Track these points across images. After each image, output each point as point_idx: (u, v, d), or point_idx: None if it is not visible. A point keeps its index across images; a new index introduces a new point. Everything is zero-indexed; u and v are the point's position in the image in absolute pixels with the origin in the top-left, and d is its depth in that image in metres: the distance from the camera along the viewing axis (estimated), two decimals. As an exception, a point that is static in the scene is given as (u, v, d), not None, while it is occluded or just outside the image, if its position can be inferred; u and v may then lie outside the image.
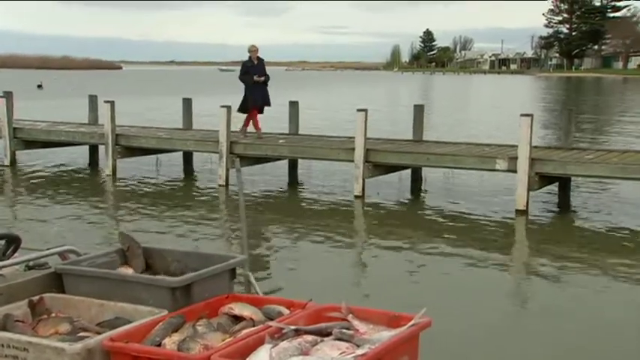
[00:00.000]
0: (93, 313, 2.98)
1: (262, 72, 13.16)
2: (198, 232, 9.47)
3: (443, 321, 3.62)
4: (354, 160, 11.71)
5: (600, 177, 11.03)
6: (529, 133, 10.46)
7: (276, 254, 8.45)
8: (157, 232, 9.36)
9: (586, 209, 11.19)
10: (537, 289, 7.40)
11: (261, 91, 13.10)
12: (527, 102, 41.70)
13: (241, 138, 13.09)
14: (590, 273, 7.83)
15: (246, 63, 13.24)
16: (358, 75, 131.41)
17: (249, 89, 13.09)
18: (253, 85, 12.97)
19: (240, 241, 4.38)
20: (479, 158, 11.10)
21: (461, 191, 12.48)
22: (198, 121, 16.48)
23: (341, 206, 11.31)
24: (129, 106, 32.38)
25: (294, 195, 12.51)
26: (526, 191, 10.54)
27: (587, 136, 22.11)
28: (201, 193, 12.53)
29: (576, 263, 8.16)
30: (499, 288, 7.35)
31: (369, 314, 2.87)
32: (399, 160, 11.74)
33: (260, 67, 13.16)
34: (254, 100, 13.04)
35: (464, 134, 21.46)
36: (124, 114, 16.59)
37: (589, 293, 7.18)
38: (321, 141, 13.17)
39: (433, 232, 9.63)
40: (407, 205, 11.62)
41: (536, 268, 8.02)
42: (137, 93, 50.25)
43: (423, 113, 13.43)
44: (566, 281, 7.58)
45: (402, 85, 74.47)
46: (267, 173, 13.94)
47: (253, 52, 13.14)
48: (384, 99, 45.81)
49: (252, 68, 13.04)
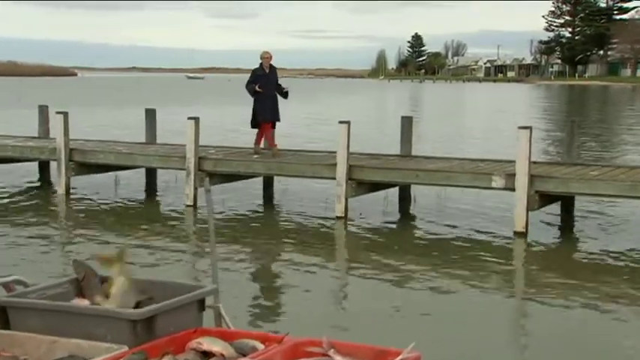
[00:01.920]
0: (42, 352, 2.96)
1: (274, 81, 13.06)
2: (163, 258, 9.43)
3: (433, 356, 3.64)
4: (335, 178, 11.76)
5: (607, 196, 11.17)
6: (528, 147, 10.59)
7: (250, 283, 8.44)
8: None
9: (591, 231, 11.31)
10: (537, 320, 7.45)
11: (271, 103, 12.98)
12: (525, 113, 42.18)
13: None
14: (596, 302, 7.91)
15: (257, 71, 13.11)
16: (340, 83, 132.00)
17: (257, 101, 12.99)
18: (262, 96, 12.84)
19: (209, 268, 4.38)
20: (473, 175, 11.21)
21: (453, 212, 12.56)
22: (163, 135, 16.44)
23: (321, 228, 11.33)
24: (84, 117, 32.22)
25: (269, 216, 12.51)
26: (525, 211, 10.64)
27: (592, 150, 22.40)
28: (165, 214, 12.48)
29: (580, 291, 8.24)
30: (495, 319, 7.40)
31: (353, 349, 2.89)
32: (386, 177, 11.81)
33: (271, 76, 13.05)
34: (262, 113, 12.96)
35: (457, 149, 21.65)
36: (78, 126, 16.53)
37: (593, 324, 7.25)
38: (298, 156, 13.22)
39: (423, 257, 9.68)
40: (394, 227, 11.67)
41: (536, 297, 8.08)
42: (94, 103, 50.00)
43: (412, 125, 13.54)
44: (569, 312, 7.65)
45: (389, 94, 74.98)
46: (239, 192, 13.94)
47: (265, 59, 12.99)
48: (369, 110, 46.08)
49: (262, 78, 12.93)
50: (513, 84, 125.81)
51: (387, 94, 78.09)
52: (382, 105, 56.48)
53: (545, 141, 25.02)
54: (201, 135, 12.98)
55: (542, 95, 74.49)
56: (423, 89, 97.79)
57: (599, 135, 28.29)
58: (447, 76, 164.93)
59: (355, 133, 13.56)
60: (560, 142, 21.76)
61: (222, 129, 28.44)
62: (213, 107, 45.62)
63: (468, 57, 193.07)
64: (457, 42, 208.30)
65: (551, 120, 36.94)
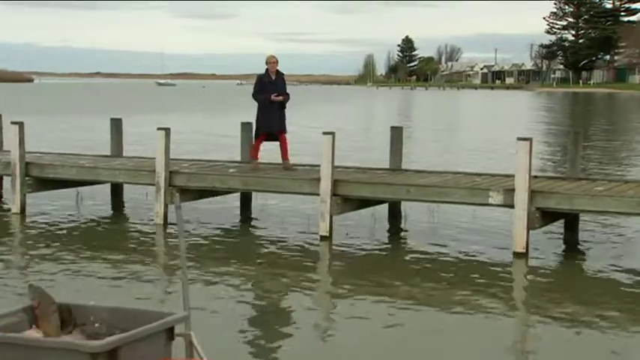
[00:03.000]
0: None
1: (282, 89, 12.99)
2: (129, 282, 9.37)
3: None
4: (319, 194, 11.77)
5: (614, 213, 11.25)
6: (528, 160, 10.66)
7: (225, 310, 8.39)
8: (77, 284, 9.23)
9: (597, 252, 11.38)
10: (538, 349, 7.47)
11: (278, 113, 12.90)
12: (525, 123, 42.50)
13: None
14: (603, 330, 7.93)
15: (263, 78, 13.02)
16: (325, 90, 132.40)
17: (262, 111, 12.89)
18: (270, 105, 12.77)
19: (180, 293, 4.36)
20: (469, 190, 11.26)
21: (448, 230, 12.60)
22: (131, 147, 16.40)
23: (303, 249, 11.32)
24: (42, 127, 32.09)
25: (247, 236, 12.48)
26: (525, 230, 10.69)
27: (597, 164, 22.59)
28: (133, 234, 12.42)
29: (585, 317, 8.27)
30: (492, 348, 7.41)
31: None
32: (374, 192, 11.84)
33: (279, 83, 13.00)
34: (268, 124, 12.84)
35: (451, 162, 21.75)
36: (36, 138, 16.45)
37: (600, 355, 7.27)
38: (279, 170, 13.22)
39: (414, 281, 9.69)
40: (383, 248, 11.68)
41: (537, 324, 8.10)
42: (53, 112, 49.83)
43: (402, 137, 13.59)
44: (573, 340, 7.67)
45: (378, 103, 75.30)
46: (214, 210, 13.90)
47: (272, 64, 12.90)
48: (356, 119, 46.24)
49: (270, 85, 12.85)
50: (512, 91, 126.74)
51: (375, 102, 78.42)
52: (370, 114, 56.69)
53: (547, 154, 25.21)
54: (173, 147, 12.96)
55: (544, 104, 75.10)
56: (415, 97, 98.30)
57: (605, 147, 28.54)
58: (440, 83, 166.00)
59: (341, 145, 13.59)
60: (563, 154, 21.93)
61: (196, 140, 28.42)
62: (185, 117, 45.57)
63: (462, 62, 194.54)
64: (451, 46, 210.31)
65: (553, 131, 37.23)
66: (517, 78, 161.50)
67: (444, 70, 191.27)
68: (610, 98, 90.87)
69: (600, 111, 61.85)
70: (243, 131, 14.62)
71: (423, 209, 13.50)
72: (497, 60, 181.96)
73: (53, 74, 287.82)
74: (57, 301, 3.44)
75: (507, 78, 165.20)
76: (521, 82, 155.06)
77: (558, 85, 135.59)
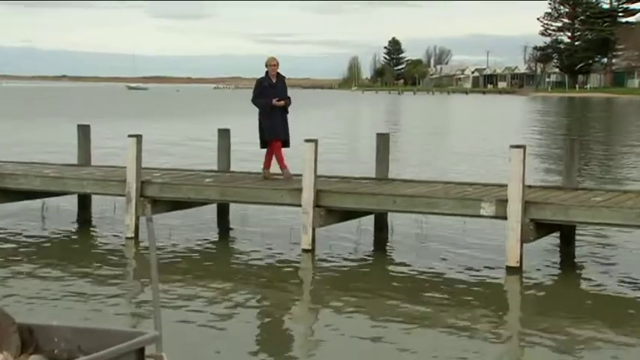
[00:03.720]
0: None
1: (283, 93, 12.95)
2: (97, 300, 9.31)
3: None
4: (301, 205, 11.76)
5: (612, 225, 11.30)
6: (521, 168, 10.71)
7: (199, 329, 8.36)
8: (40, 302, 9.16)
9: (595, 266, 11.43)
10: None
11: (281, 118, 12.86)
12: (519, 129, 42.74)
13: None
14: (601, 352, 7.96)
15: (263, 81, 12.96)
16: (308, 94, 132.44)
17: (265, 117, 12.85)
18: (272, 111, 12.72)
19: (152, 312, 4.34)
20: (459, 201, 11.29)
21: (437, 243, 12.62)
22: (99, 155, 16.33)
23: (284, 264, 11.31)
24: (3, 134, 31.90)
25: (224, 250, 12.45)
26: (519, 243, 10.73)
27: (595, 173, 22.74)
28: (101, 248, 12.36)
29: (583, 337, 8.29)
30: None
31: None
32: (359, 203, 11.85)
33: (280, 87, 12.95)
34: (272, 129, 12.81)
35: (440, 171, 21.82)
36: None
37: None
38: (258, 180, 13.21)
39: (402, 297, 9.69)
40: (369, 262, 11.68)
41: (531, 344, 8.12)
42: (15, 117, 49.55)
43: (389, 144, 13.63)
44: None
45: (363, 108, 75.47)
46: (189, 222, 13.85)
47: (272, 67, 12.86)
48: (340, 126, 46.32)
49: (271, 89, 12.81)
50: (505, 96, 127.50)
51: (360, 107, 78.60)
52: (355, 120, 56.80)
53: (542, 162, 25.35)
54: (145, 155, 12.91)
55: (538, 109, 75.57)
56: (402, 102, 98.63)
57: (603, 155, 28.74)
58: (429, 87, 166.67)
59: (324, 153, 13.60)
60: (558, 163, 22.04)
61: (170, 148, 28.35)
62: (158, 123, 45.48)
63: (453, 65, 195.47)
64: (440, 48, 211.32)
65: (547, 138, 37.45)
66: (510, 82, 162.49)
67: (433, 73, 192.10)
68: (608, 103, 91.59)
69: (598, 117, 62.32)
70: (220, 138, 14.60)
71: (411, 221, 13.52)
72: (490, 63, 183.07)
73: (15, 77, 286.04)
74: (17, 321, 3.41)
75: (500, 82, 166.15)
76: (515, 86, 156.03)
77: (553, 89, 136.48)
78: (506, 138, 31.17)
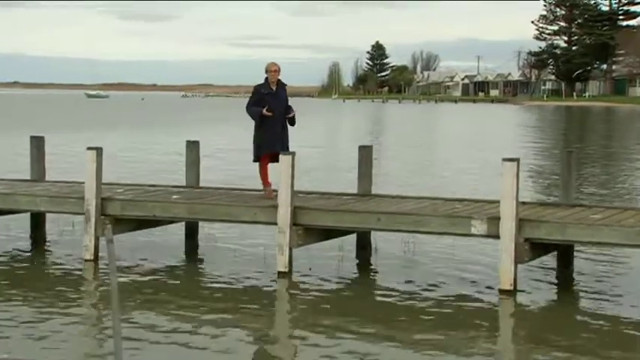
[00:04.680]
0: None
1: (283, 102, 12.83)
2: (50, 331, 9.24)
3: None
4: (277, 223, 11.77)
5: (613, 245, 11.38)
6: (515, 184, 10.77)
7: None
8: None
9: (594, 289, 11.48)
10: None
11: (280, 130, 12.68)
12: (512, 140, 42.99)
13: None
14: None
15: (261, 89, 12.77)
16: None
17: (262, 127, 12.63)
18: (270, 121, 12.51)
19: (112, 342, 4.32)
20: (448, 219, 11.34)
21: (424, 265, 12.65)
22: (55, 170, 16.24)
23: (258, 288, 11.29)
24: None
25: (192, 273, 12.41)
26: (513, 265, 10.78)
27: (594, 188, 22.89)
28: (56, 272, 12.28)
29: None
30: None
31: None
32: (340, 221, 11.86)
33: (280, 95, 12.79)
34: (270, 143, 12.57)
35: (427, 186, 21.89)
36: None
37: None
38: (230, 196, 13.19)
39: (387, 323, 9.70)
40: (351, 285, 11.68)
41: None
42: (-34, 128, 49.14)
43: (372, 157, 13.67)
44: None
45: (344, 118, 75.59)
46: (154, 242, 13.81)
47: (272, 73, 12.69)
48: (319, 137, 46.34)
49: (270, 98, 12.63)
50: (497, 105, 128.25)
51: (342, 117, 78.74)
52: (335, 131, 56.88)
53: (537, 177, 25.49)
54: (106, 170, 12.87)
55: (533, 119, 76.06)
56: (387, 111, 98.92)
57: (602, 169, 28.94)
58: (415, 95, 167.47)
59: (302, 167, 13.60)
60: (554, 177, 22.19)
61: (133, 162, 28.26)
62: (120, 134, 45.33)
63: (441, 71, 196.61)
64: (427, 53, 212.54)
65: (543, 150, 37.69)
66: (503, 90, 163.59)
67: (419, 80, 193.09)
68: (607, 113, 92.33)
69: (597, 127, 62.80)
70: (189, 151, 14.58)
71: (396, 240, 13.55)
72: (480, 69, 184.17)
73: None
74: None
75: (492, 90, 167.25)
76: (508, 94, 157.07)
77: (549, 97, 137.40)
78: (498, 150, 31.34)
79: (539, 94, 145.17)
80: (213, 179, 13.70)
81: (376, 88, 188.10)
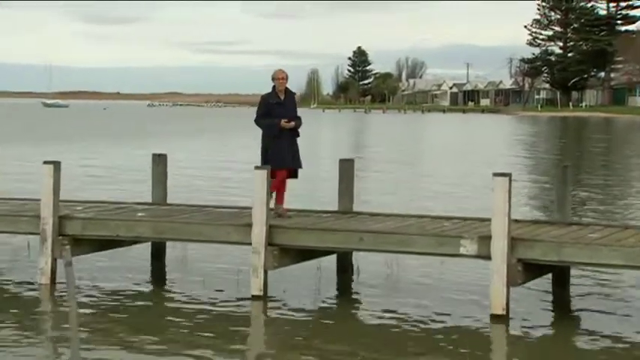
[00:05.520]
0: None
1: (292, 112, 12.79)
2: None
3: None
4: (251, 243, 11.74)
5: (612, 266, 11.38)
6: (507, 200, 10.81)
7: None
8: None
9: (592, 314, 11.50)
10: None
11: (290, 142, 12.67)
12: (504, 154, 43.17)
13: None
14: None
15: (269, 98, 12.76)
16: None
17: (270, 140, 12.61)
18: (279, 133, 12.50)
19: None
20: (436, 238, 11.35)
21: (409, 288, 12.66)
22: (7, 186, 16.15)
23: (231, 313, 11.25)
24: None
25: (159, 297, 12.35)
26: (505, 287, 10.79)
27: (591, 205, 22.99)
28: (8, 298, 12.17)
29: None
30: None
31: None
32: (319, 241, 11.85)
33: (289, 105, 12.78)
34: (279, 158, 12.54)
35: (413, 202, 21.93)
36: None
37: None
38: (201, 214, 13.16)
39: (369, 351, 9.69)
40: (330, 310, 11.67)
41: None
42: None
43: (354, 171, 13.68)
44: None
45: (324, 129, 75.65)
46: (118, 264, 13.74)
47: (280, 80, 12.68)
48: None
49: (279, 108, 12.61)
50: (488, 115, 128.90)
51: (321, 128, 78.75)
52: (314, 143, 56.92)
53: (530, 192, 25.60)
54: (64, 186, 12.81)
55: (526, 130, 76.47)
56: (370, 122, 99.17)
57: (600, 185, 29.08)
58: (400, 105, 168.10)
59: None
60: (549, 193, 22.28)
61: (95, 177, 28.13)
62: (80, 146, 45.13)
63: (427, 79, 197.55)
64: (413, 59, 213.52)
65: (537, 164, 37.89)
66: (494, 99, 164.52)
67: (404, 89, 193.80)
68: (606, 124, 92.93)
69: (594, 140, 63.16)
70: (156, 165, 14.53)
71: (380, 261, 13.55)
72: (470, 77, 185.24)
73: None
74: None
75: (482, 99, 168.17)
76: (499, 104, 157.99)
77: (544, 107, 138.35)
78: (489, 164, 31.46)
79: (532, 103, 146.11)
80: (183, 196, 13.68)
81: (358, 97, 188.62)
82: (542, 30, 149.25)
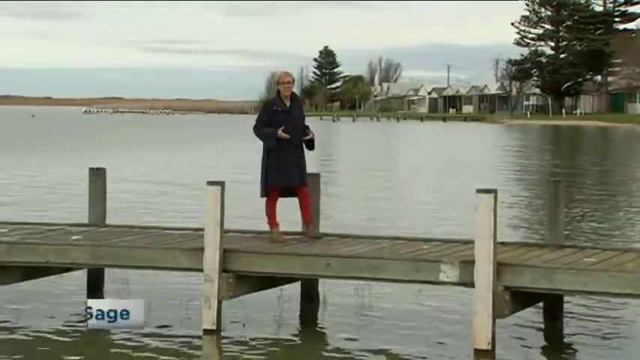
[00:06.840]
0: None
1: (299, 121, 12.73)
2: None
3: None
4: (202, 269, 11.71)
5: (609, 295, 11.44)
6: (492, 220, 10.84)
7: None
8: None
9: (587, 348, 11.58)
10: None
11: (297, 156, 12.63)
12: (489, 167, 43.38)
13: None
14: None
15: (272, 104, 12.70)
16: (213, 121, 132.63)
17: (272, 153, 12.52)
18: (284, 145, 12.42)
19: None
20: (412, 263, 11.36)
21: (382, 320, 12.67)
22: None
23: (179, 351, 11.19)
24: None
25: (95, 334, 12.26)
26: (490, 319, 10.81)
27: (587, 225, 23.12)
28: None
29: None
30: None
31: None
32: (280, 267, 11.83)
33: (295, 112, 12.70)
34: (282, 174, 12.49)
35: (387, 222, 21.95)
36: None
37: None
38: (145, 236, 13.11)
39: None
40: (294, 345, 11.66)
41: None
42: None
43: (319, 187, 13.69)
44: None
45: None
46: (48, 294, 13.62)
47: (285, 85, 12.58)
48: (254, 164, 46.26)
49: (284, 116, 12.52)
50: (472, 123, 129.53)
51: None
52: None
53: (518, 211, 25.71)
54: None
55: (514, 141, 76.91)
56: (338, 131, 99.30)
57: (596, 203, 29.27)
58: (373, 112, 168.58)
59: (234, 200, 13.56)
60: (539, 212, 22.39)
61: (21, 194, 27.92)
62: (4, 160, 44.74)
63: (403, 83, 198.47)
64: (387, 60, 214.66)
65: (526, 180, 38.08)
66: (478, 105, 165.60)
67: (377, 94, 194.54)
68: (603, 134, 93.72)
69: (590, 151, 63.66)
70: (92, 181, 14.45)
71: (349, 290, 13.56)
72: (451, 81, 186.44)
73: None
74: None
75: (465, 105, 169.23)
76: (484, 110, 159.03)
77: (533, 115, 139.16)
78: (472, 180, 31.59)
79: (521, 110, 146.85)
80: (125, 216, 13.61)
81: (325, 102, 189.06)
82: (532, 28, 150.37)
